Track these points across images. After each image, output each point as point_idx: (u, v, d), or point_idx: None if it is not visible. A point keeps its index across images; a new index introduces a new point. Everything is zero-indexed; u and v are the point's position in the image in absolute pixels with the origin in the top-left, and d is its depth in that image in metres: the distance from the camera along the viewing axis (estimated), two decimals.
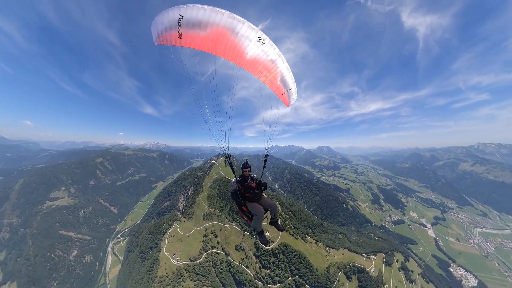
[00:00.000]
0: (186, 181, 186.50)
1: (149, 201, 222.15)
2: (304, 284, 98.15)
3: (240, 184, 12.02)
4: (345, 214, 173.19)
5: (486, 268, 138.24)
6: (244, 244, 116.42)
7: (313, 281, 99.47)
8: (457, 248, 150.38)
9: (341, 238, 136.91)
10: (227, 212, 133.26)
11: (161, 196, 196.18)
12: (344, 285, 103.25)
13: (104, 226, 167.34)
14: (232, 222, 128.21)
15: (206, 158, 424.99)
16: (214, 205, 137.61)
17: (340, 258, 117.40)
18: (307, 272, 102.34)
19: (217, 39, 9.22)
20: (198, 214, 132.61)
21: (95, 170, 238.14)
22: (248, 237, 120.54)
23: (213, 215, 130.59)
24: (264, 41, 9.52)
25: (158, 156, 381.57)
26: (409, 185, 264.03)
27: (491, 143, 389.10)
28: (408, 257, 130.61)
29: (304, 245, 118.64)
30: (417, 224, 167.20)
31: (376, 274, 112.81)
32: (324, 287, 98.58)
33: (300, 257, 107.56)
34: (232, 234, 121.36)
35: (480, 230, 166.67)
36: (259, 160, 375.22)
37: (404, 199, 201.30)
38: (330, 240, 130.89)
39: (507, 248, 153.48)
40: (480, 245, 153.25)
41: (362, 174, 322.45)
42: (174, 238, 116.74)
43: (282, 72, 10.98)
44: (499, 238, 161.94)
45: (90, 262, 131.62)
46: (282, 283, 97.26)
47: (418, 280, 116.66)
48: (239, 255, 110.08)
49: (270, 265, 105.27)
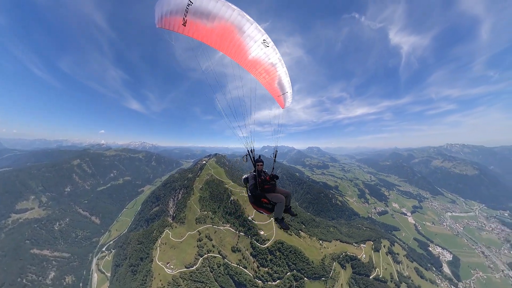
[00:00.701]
0: (175, 183, 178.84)
1: (135, 207, 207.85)
2: (302, 277, 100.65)
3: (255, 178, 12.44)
4: (334, 209, 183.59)
5: (457, 245, 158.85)
6: (240, 245, 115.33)
7: (311, 274, 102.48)
8: (433, 230, 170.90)
9: (332, 231, 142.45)
10: (221, 214, 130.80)
11: (149, 201, 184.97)
12: (339, 274, 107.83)
13: (85, 239, 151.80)
14: (226, 223, 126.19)
15: (196, 159, 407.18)
16: (207, 208, 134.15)
17: (333, 250, 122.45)
18: (304, 266, 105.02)
19: (222, 34, 9.06)
20: (190, 218, 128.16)
21: (72, 174, 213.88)
22: (244, 237, 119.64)
23: (206, 218, 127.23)
24: (268, 44, 9.67)
25: (144, 157, 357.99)
26: (390, 180, 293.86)
27: (457, 144, 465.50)
28: (393, 242, 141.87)
29: (299, 241, 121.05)
30: (399, 213, 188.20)
31: (367, 260, 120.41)
32: (322, 277, 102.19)
33: (296, 252, 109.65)
34: (227, 236, 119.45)
35: (450, 214, 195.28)
36: None
37: (386, 192, 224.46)
38: (322, 233, 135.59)
39: (472, 227, 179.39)
40: (451, 226, 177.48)
41: (349, 172, 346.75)
42: (166, 246, 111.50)
43: (281, 76, 11.31)
44: (466, 220, 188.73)
45: (72, 284, 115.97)
46: (281, 279, 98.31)
47: (404, 261, 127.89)
48: (236, 257, 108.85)
49: (268, 263, 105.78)
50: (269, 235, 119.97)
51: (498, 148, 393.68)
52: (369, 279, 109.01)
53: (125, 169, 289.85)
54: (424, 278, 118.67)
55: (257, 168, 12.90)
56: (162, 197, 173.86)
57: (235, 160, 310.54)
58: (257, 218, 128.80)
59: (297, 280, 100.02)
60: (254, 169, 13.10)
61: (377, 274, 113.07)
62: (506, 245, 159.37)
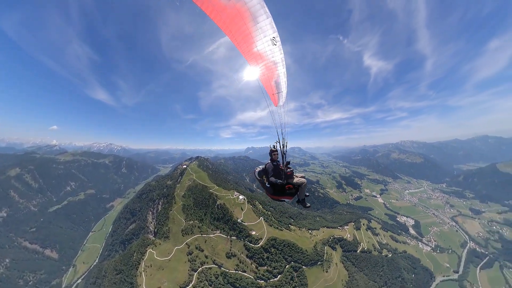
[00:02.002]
0: (153, 193, 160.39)
1: (105, 228, 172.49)
2: (300, 266, 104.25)
3: (275, 167, 12.72)
4: (318, 200, 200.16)
5: (416, 212, 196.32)
6: (234, 249, 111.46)
7: (307, 261, 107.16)
8: (397, 205, 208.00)
9: (319, 220, 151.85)
10: (208, 221, 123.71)
11: (122, 219, 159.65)
12: (332, 255, 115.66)
13: (41, 283, 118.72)
14: (215, 230, 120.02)
15: (175, 164, 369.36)
16: (192, 216, 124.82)
17: (322, 236, 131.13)
18: (299, 256, 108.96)
19: (234, 17, 8.61)
20: (175, 231, 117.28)
21: (8, 191, 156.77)
22: (236, 241, 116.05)
23: (193, 228, 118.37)
24: (276, 43, 9.70)
25: (112, 163, 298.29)
26: (361, 171, 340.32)
27: (408, 141, 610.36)
28: (370, 219, 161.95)
29: (290, 234, 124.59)
30: (371, 196, 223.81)
31: (352, 239, 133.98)
32: (318, 262, 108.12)
33: (289, 245, 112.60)
34: (219, 243, 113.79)
35: (408, 191, 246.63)
36: (236, 163, 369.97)
37: (359, 181, 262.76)
38: (310, 224, 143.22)
39: (424, 198, 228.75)
40: (410, 200, 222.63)
41: (327, 167, 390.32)
42: (152, 269, 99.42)
43: (279, 75, 11.49)
44: (418, 194, 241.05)
45: None
46: (282, 273, 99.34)
47: (381, 232, 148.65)
48: (233, 262, 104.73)
49: (266, 261, 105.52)
50: (261, 234, 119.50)
51: (435, 143, 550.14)
52: (357, 253, 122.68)
53: (86, 179, 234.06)
54: (398, 242, 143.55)
55: (274, 158, 13.05)
56: (138, 211, 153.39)
57: (218, 163, 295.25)
58: (246, 219, 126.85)
59: (296, 270, 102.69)
60: (269, 161, 13.13)
61: (363, 248, 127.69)
62: (447, 206, 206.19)
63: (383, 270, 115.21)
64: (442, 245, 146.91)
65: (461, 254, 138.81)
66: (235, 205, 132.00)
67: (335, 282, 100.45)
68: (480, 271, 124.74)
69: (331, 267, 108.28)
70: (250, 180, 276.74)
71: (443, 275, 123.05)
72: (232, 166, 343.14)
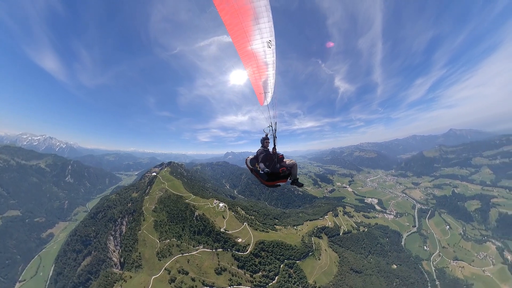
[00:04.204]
0: (113, 210, 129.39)
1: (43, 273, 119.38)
2: (294, 261, 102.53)
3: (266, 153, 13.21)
4: (298, 198, 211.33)
5: (377, 193, 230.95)
6: (223, 262, 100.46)
7: (299, 255, 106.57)
8: (363, 191, 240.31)
9: (301, 215, 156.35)
10: (188, 236, 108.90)
11: (69, 253, 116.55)
12: (320, 244, 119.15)
13: None
14: (197, 245, 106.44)
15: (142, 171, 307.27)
16: (168, 234, 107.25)
17: (307, 229, 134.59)
18: (290, 252, 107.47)
19: (237, 11, 8.66)
20: (148, 256, 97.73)
21: None
22: (223, 253, 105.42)
23: (170, 248, 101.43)
24: (271, 46, 10.22)
25: (51, 167, 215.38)
26: (332, 168, 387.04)
27: (365, 142, 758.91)
28: (344, 206, 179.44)
29: (277, 234, 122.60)
30: (342, 187, 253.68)
31: (333, 225, 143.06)
32: (309, 253, 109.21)
33: (278, 245, 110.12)
34: (204, 260, 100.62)
35: (370, 179, 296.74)
36: (214, 169, 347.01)
37: (331, 177, 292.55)
38: (294, 220, 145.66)
39: (380, 182, 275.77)
40: (371, 185, 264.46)
41: (303, 168, 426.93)
42: None
43: (269, 77, 12.09)
44: (377, 180, 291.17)
45: None
46: (278, 274, 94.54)
47: (355, 214, 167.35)
48: (225, 278, 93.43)
49: (259, 267, 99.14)
50: (247, 239, 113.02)
51: (383, 142, 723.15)
52: (340, 236, 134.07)
53: (6, 192, 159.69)
54: (369, 218, 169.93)
55: (265, 145, 13.53)
56: (94, 237, 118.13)
57: (195, 169, 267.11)
58: (230, 227, 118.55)
59: (291, 267, 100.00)
60: (260, 148, 13.53)
61: (343, 230, 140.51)
62: (397, 184, 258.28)
63: (365, 243, 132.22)
64: (400, 212, 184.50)
65: (413, 214, 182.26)
66: (215, 214, 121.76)
67: (330, 266, 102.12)
68: (428, 221, 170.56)
69: (322, 254, 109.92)
70: (230, 186, 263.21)
71: (407, 231, 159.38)
72: (210, 172, 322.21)
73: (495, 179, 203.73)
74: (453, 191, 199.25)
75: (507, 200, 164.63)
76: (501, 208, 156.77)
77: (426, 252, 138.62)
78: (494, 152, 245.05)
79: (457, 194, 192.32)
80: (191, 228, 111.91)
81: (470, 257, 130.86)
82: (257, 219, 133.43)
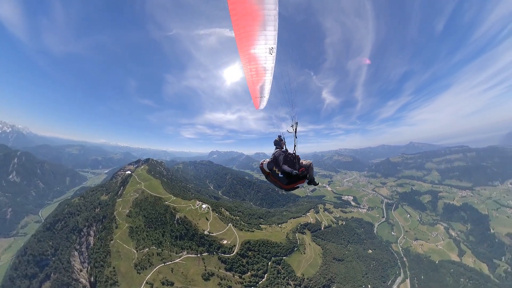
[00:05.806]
0: (76, 217, 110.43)
1: None
2: (281, 258, 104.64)
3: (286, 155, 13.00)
4: (282, 198, 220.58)
5: (353, 192, 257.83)
6: (210, 267, 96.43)
7: (285, 251, 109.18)
8: (341, 190, 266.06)
9: (285, 214, 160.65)
10: (169, 242, 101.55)
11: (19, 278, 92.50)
12: (304, 239, 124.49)
13: None
14: (181, 251, 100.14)
15: (114, 168, 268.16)
16: (146, 242, 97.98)
17: (291, 226, 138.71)
18: (277, 249, 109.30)
19: (247, 13, 8.90)
20: (125, 270, 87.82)
21: None
22: (209, 257, 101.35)
23: (150, 258, 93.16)
24: (272, 53, 10.59)
25: None
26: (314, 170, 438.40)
27: (343, 148, 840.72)
28: (324, 203, 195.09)
29: (262, 233, 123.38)
30: (322, 187, 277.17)
31: (315, 221, 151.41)
32: (294, 248, 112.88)
33: (264, 243, 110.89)
34: (190, 267, 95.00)
35: (346, 179, 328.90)
36: (197, 168, 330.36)
37: None
38: (279, 219, 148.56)
39: (356, 182, 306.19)
40: (348, 185, 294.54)
41: None
42: None
43: (266, 82, 12.30)
44: (352, 180, 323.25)
45: None
46: (267, 272, 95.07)
47: (334, 210, 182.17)
48: (213, 283, 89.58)
49: (247, 267, 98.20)
50: (233, 240, 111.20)
51: (358, 149, 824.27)
52: (322, 230, 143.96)
53: None
54: (346, 213, 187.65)
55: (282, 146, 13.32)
56: (51, 255, 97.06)
57: (176, 168, 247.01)
58: (214, 229, 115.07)
59: (279, 263, 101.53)
60: (277, 150, 13.03)
61: (324, 225, 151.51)
62: (368, 184, 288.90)
63: (344, 234, 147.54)
64: (371, 206, 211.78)
65: (382, 207, 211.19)
66: (198, 216, 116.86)
67: (315, 258, 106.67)
68: (393, 212, 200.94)
69: (306, 248, 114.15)
70: (214, 187, 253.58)
71: (377, 221, 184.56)
72: (193, 172, 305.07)
73: (441, 179, 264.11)
74: (411, 188, 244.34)
75: (449, 194, 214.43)
76: (445, 200, 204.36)
77: (393, 237, 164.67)
78: (440, 159, 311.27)
79: (415, 191, 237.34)
80: (172, 233, 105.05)
81: (426, 236, 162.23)
82: (242, 219, 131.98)
